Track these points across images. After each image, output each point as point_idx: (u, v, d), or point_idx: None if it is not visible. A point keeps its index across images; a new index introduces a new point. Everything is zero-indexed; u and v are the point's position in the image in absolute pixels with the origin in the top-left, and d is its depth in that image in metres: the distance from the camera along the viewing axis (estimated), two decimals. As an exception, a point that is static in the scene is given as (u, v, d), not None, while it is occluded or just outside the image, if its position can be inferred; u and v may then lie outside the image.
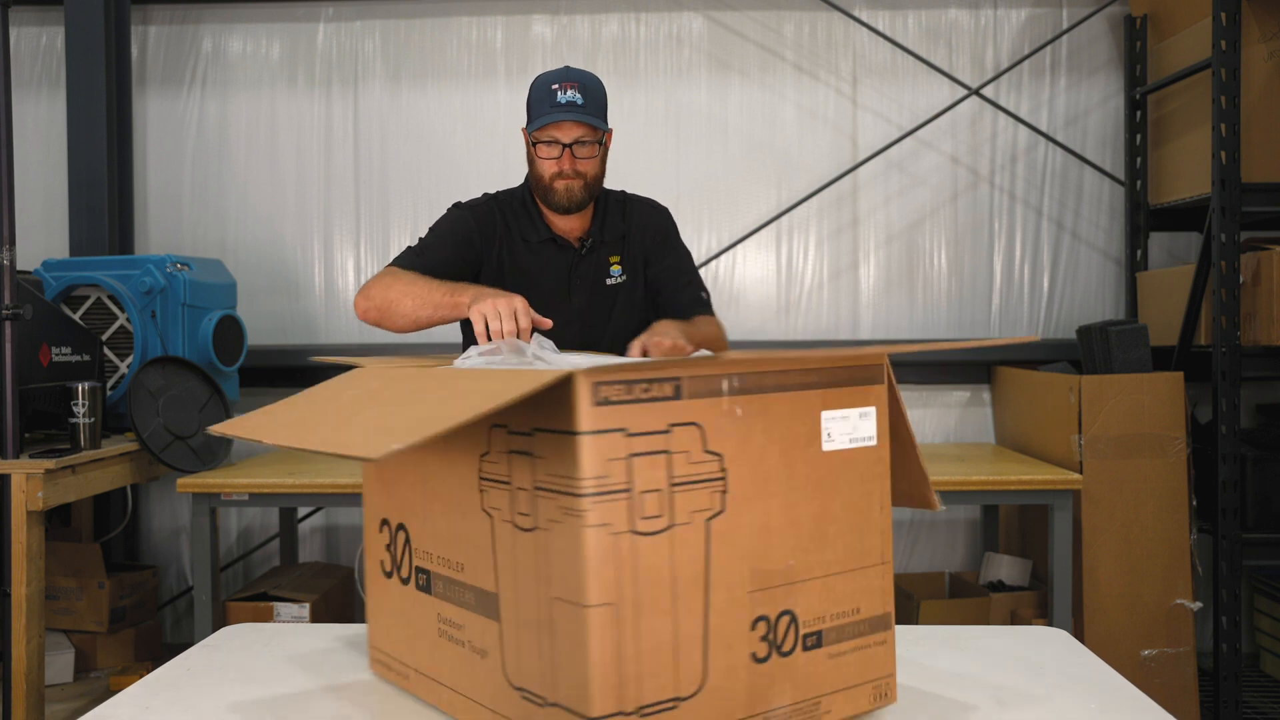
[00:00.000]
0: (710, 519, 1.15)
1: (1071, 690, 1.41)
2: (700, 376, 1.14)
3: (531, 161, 2.21)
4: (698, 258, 3.96)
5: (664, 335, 1.88)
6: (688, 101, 4.06)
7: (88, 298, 3.46)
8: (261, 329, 4.05)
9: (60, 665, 3.46)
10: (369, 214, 4.14)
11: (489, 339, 1.76)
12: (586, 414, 1.06)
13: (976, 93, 3.99)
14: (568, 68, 2.20)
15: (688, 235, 2.75)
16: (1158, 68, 3.81)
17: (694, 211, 4.06)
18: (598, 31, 4.09)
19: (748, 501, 1.17)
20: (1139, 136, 3.93)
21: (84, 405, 2.99)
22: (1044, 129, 4.03)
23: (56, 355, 3.08)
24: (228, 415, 3.41)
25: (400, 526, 1.35)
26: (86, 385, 3.01)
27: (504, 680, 1.19)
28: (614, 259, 2.30)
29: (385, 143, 4.13)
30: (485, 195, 2.32)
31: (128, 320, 3.41)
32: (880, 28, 4.04)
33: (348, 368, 1.45)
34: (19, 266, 3.02)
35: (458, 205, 2.30)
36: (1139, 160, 3.92)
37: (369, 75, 4.14)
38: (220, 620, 3.10)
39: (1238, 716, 3.23)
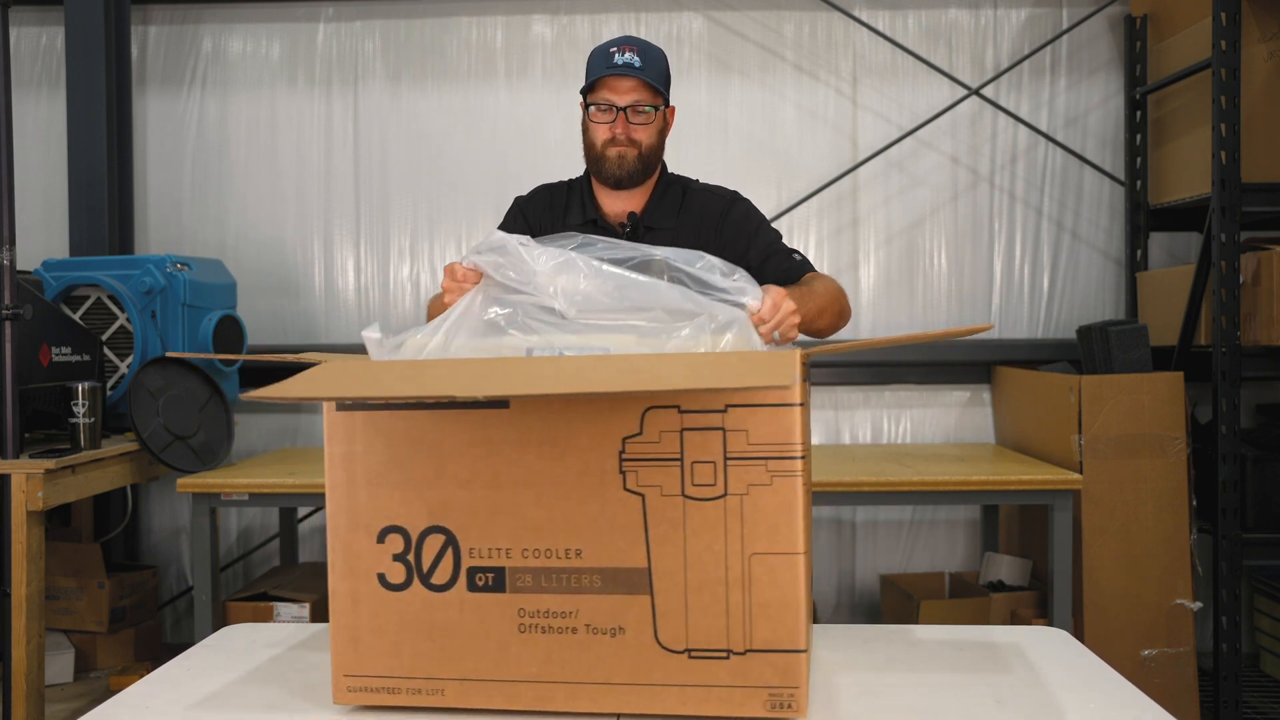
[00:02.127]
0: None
1: (1071, 690, 1.41)
2: (813, 360, 1.38)
3: (585, 130, 2.05)
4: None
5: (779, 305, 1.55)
6: (688, 101, 4.05)
7: (88, 298, 3.46)
8: (261, 329, 4.05)
9: (60, 665, 3.46)
10: (369, 214, 4.14)
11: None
12: (800, 388, 1.24)
13: (976, 93, 3.99)
14: (629, 35, 2.06)
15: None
16: (1158, 68, 3.81)
17: (694, 211, 4.05)
18: (598, 31, 4.09)
19: (807, 464, 1.39)
20: (1139, 136, 3.93)
21: (84, 405, 2.99)
22: (1044, 129, 4.03)
23: (56, 355, 3.08)
24: (228, 415, 3.41)
25: (433, 530, 1.33)
26: (86, 385, 3.01)
27: (655, 649, 1.28)
28: None
29: (385, 143, 4.13)
30: (545, 184, 2.17)
31: (128, 320, 3.41)
32: (880, 28, 4.03)
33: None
34: (19, 266, 3.02)
35: (515, 200, 2.16)
36: (1139, 160, 3.92)
37: (369, 75, 4.14)
38: (220, 620, 3.10)
39: (1238, 716, 3.23)
